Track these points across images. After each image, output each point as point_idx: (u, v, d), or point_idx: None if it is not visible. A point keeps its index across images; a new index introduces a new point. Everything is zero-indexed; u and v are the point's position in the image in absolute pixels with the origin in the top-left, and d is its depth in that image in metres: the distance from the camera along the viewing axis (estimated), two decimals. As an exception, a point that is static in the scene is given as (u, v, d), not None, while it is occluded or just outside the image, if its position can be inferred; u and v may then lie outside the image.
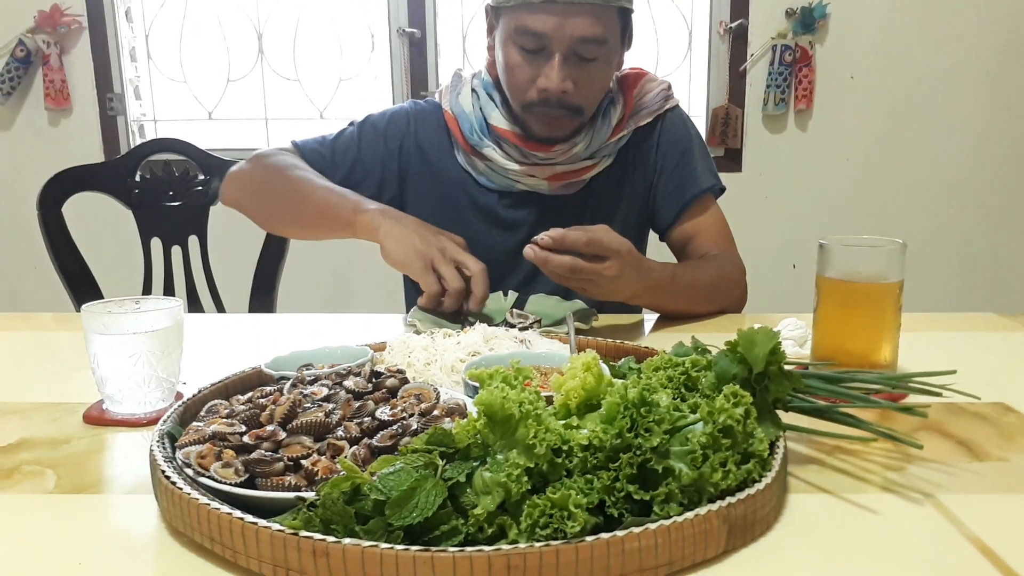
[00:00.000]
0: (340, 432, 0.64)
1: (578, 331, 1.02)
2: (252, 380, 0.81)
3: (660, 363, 0.68)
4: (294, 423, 0.64)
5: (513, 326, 1.06)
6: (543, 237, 1.00)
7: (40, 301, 2.80)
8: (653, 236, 1.44)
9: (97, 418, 0.81)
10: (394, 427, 0.64)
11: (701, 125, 2.82)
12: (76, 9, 2.71)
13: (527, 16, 1.16)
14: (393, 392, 0.73)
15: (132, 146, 1.78)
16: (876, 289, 0.85)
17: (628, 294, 1.09)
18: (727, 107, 2.76)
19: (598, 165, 1.31)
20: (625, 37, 1.26)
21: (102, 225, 1.99)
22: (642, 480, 0.54)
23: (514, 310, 1.15)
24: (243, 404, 0.69)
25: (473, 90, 1.34)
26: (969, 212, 2.88)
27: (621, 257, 1.03)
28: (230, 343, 1.16)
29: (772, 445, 0.63)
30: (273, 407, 0.67)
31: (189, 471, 0.59)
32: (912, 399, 0.78)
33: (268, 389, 0.73)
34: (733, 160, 2.81)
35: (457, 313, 1.08)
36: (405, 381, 0.75)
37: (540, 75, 1.19)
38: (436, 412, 0.66)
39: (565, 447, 0.55)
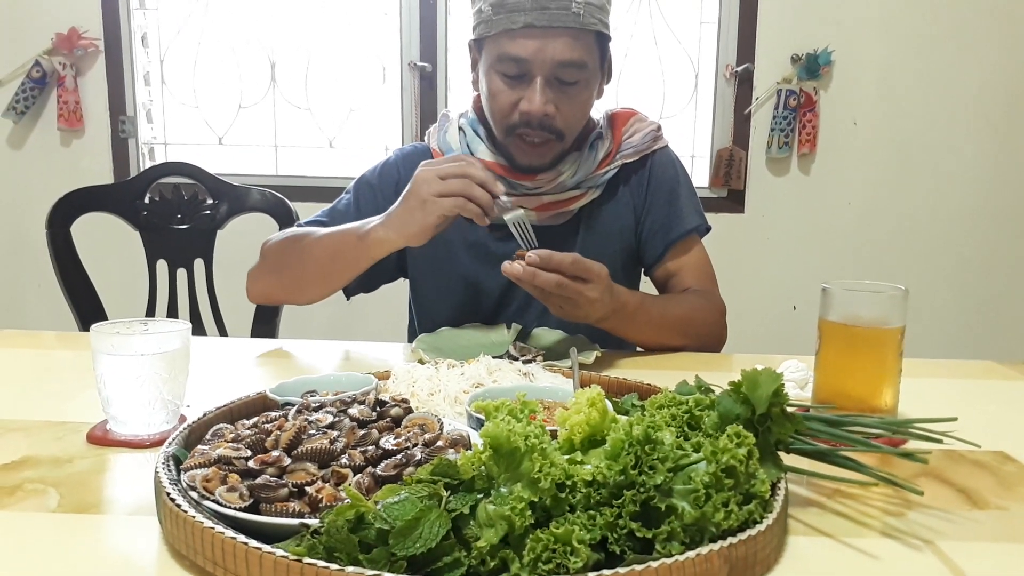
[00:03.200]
0: (344, 460, 0.64)
1: (580, 365, 1.02)
2: (257, 405, 0.82)
3: (664, 401, 0.69)
4: (299, 449, 0.64)
5: (516, 359, 1.07)
6: (530, 255, 1.06)
7: (43, 319, 2.80)
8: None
9: (101, 438, 0.81)
10: (398, 456, 0.64)
11: (705, 166, 2.86)
12: (93, 32, 2.76)
13: (508, 43, 1.20)
14: (397, 421, 0.73)
15: (142, 169, 1.80)
16: (878, 334, 0.86)
17: (598, 316, 1.13)
18: (731, 149, 2.79)
19: (585, 196, 1.34)
20: (604, 65, 1.30)
21: (109, 246, 2.00)
22: (645, 517, 0.54)
23: (517, 343, 1.17)
24: (248, 429, 0.69)
25: (460, 128, 1.38)
26: (970, 259, 2.90)
27: (601, 280, 1.10)
28: (233, 367, 1.16)
29: (773, 486, 0.63)
30: (278, 433, 0.67)
31: (194, 494, 0.59)
32: (912, 445, 0.79)
33: (273, 415, 0.74)
34: (736, 201, 2.84)
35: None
36: (409, 411, 0.75)
37: (523, 99, 1.22)
38: (440, 443, 0.66)
39: (569, 482, 0.55)
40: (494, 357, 1.06)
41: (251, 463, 0.62)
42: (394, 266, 1.42)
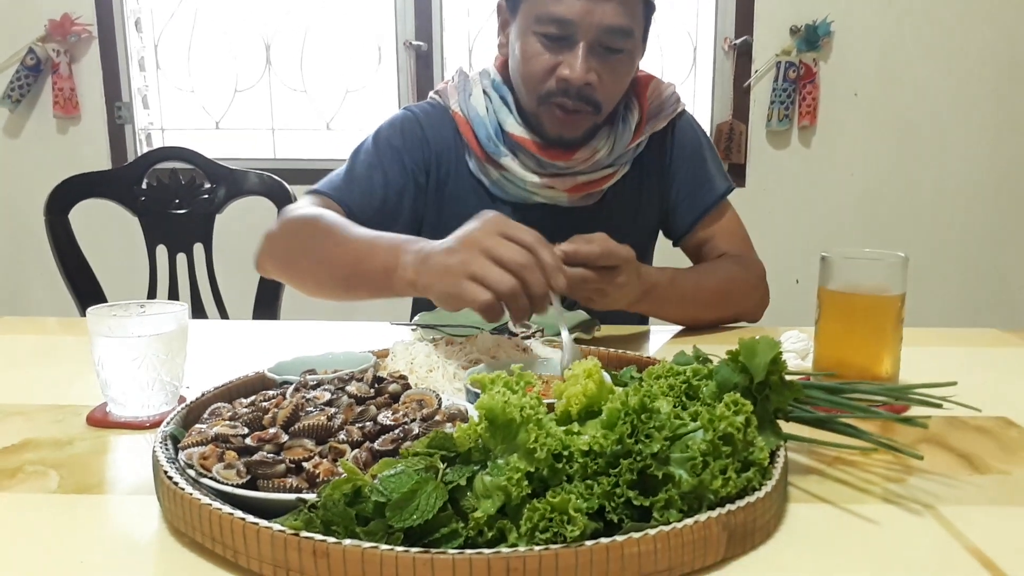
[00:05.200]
0: (342, 436, 0.64)
1: (580, 341, 1.02)
2: (255, 384, 0.82)
3: (661, 372, 0.69)
4: (296, 426, 0.64)
5: (515, 335, 1.07)
6: (556, 250, 0.98)
7: (45, 306, 2.81)
8: (661, 241, 1.44)
9: (100, 420, 0.81)
10: (396, 431, 0.64)
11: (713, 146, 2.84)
12: (87, 18, 2.74)
13: (552, 2, 1.12)
14: (395, 398, 0.73)
15: (139, 154, 1.80)
16: (878, 302, 0.86)
17: (628, 301, 1.07)
18: (731, 123, 2.78)
19: (617, 173, 1.28)
20: (645, 37, 1.24)
21: (108, 232, 2.00)
22: (642, 486, 0.54)
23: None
24: (246, 407, 0.69)
25: (484, 92, 1.28)
26: (972, 228, 2.89)
27: (630, 264, 1.02)
28: (234, 349, 1.17)
29: (772, 454, 0.63)
30: (276, 410, 0.67)
31: (191, 472, 0.59)
32: (913, 411, 0.79)
33: (271, 393, 0.73)
34: (737, 175, 2.82)
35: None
36: (407, 387, 0.75)
37: (561, 64, 1.15)
38: (438, 417, 0.66)
39: (566, 452, 0.55)
40: (493, 332, 1.06)
41: (248, 440, 0.62)
42: None
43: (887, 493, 0.65)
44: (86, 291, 1.69)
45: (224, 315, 1.80)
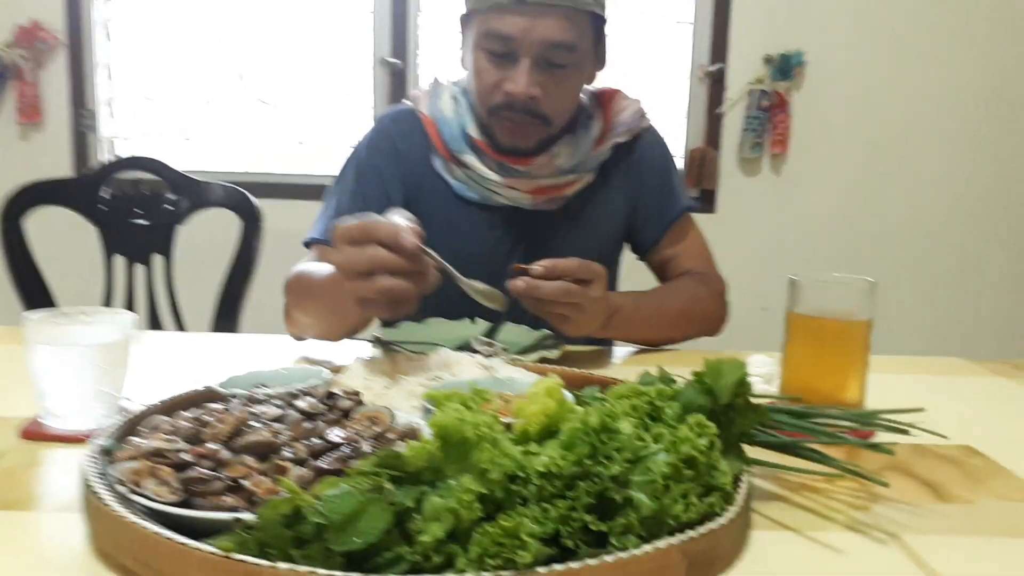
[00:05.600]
0: (287, 452, 0.61)
1: (545, 361, 0.99)
2: (203, 399, 0.78)
3: (625, 391, 0.66)
4: (239, 442, 0.61)
5: (478, 355, 1.04)
6: (535, 267, 0.99)
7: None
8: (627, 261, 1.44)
9: (35, 433, 0.77)
10: (344, 449, 0.61)
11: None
12: (56, 25, 2.68)
13: (495, 19, 1.14)
14: (346, 414, 0.70)
15: (103, 164, 1.75)
16: (846, 327, 0.85)
17: (596, 325, 1.09)
18: (703, 149, 2.79)
19: (580, 180, 1.29)
20: (598, 49, 1.25)
21: (65, 241, 1.94)
22: (600, 510, 0.51)
23: (480, 337, 1.13)
24: (187, 421, 0.66)
25: (453, 97, 1.31)
26: (940, 257, 2.92)
27: (602, 279, 1.04)
28: (187, 362, 1.12)
29: (736, 479, 0.61)
30: (218, 425, 0.64)
31: (122, 488, 0.55)
32: (879, 438, 0.77)
33: (216, 407, 0.70)
34: (707, 201, 2.83)
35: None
36: (360, 404, 0.72)
37: (507, 79, 1.17)
38: (389, 435, 0.63)
39: (522, 473, 0.52)
40: (455, 349, 1.04)
41: (186, 455, 0.59)
42: None
43: (852, 521, 0.63)
44: (38, 301, 1.64)
45: (182, 328, 1.75)
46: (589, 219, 1.32)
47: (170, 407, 0.74)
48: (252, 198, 1.72)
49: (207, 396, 0.78)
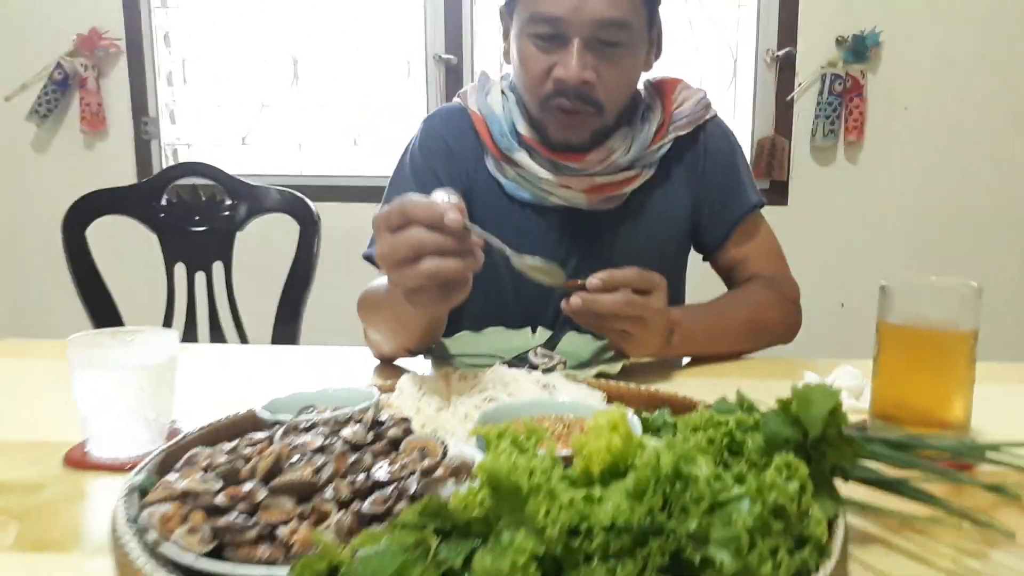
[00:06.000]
0: (328, 493, 0.56)
1: (606, 376, 0.93)
2: (246, 424, 0.74)
3: (699, 422, 0.59)
4: (277, 481, 0.56)
5: (536, 367, 0.98)
6: (592, 280, 0.93)
7: (65, 326, 2.78)
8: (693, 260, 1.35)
9: (78, 460, 0.74)
10: (390, 488, 0.56)
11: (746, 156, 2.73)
12: (115, 32, 2.73)
13: (541, 1, 1.08)
14: (395, 444, 0.65)
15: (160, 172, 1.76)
16: (947, 338, 0.75)
17: (657, 342, 1.02)
18: (773, 138, 2.66)
19: (639, 177, 1.21)
20: (652, 30, 1.18)
21: (126, 249, 1.96)
22: (675, 569, 0.45)
23: (539, 348, 1.07)
24: (226, 454, 0.61)
25: (503, 92, 1.25)
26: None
27: (662, 289, 0.97)
28: (242, 377, 1.10)
29: (830, 524, 0.53)
30: (257, 459, 0.59)
31: (151, 536, 0.51)
32: (988, 468, 0.68)
33: (258, 436, 0.66)
34: (779, 193, 2.70)
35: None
36: (409, 432, 0.67)
37: (556, 64, 1.10)
38: (439, 472, 0.58)
39: (584, 526, 0.46)
40: (511, 362, 0.98)
41: (220, 497, 0.54)
42: None
43: (965, 571, 0.54)
44: (101, 310, 1.65)
45: (243, 335, 1.74)
46: (650, 218, 1.24)
47: (210, 435, 0.70)
48: (309, 202, 1.70)
49: (250, 421, 0.74)
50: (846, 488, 0.58)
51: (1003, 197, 2.70)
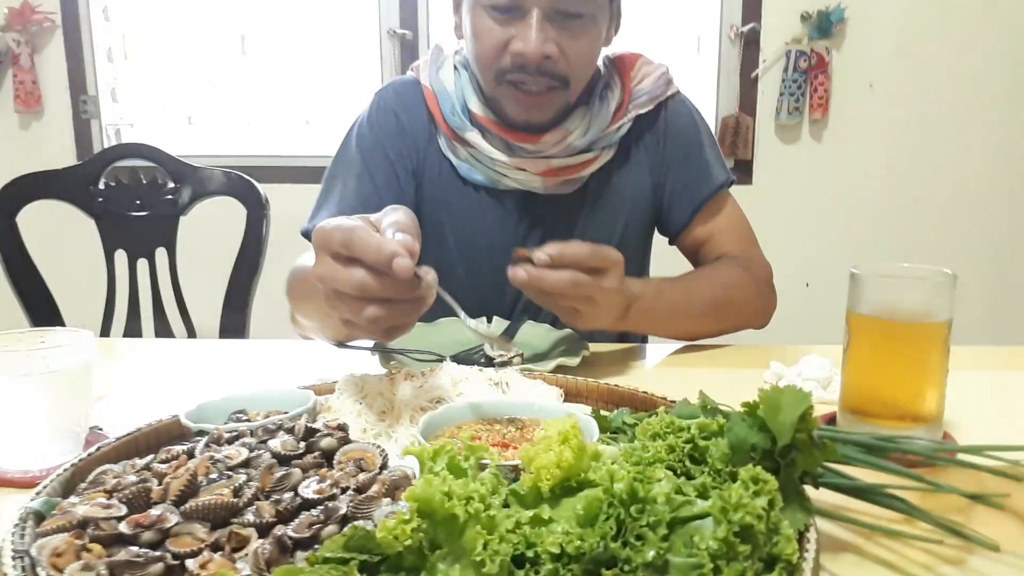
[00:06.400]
0: (249, 515, 0.50)
1: (564, 369, 0.88)
2: (168, 433, 0.67)
3: (660, 428, 0.55)
4: (191, 504, 0.50)
5: (491, 361, 0.93)
6: (539, 254, 0.85)
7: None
8: (657, 241, 1.30)
9: (-17, 475, 0.67)
10: (317, 510, 0.50)
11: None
12: (49, 7, 2.59)
13: None
14: (329, 456, 0.59)
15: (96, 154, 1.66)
16: (920, 329, 0.72)
17: (613, 316, 0.95)
18: (737, 116, 2.63)
19: (598, 159, 1.15)
20: (613, 3, 1.12)
21: (62, 237, 1.86)
22: (631, 603, 0.40)
23: (499, 339, 1.02)
24: (137, 472, 0.55)
25: (455, 67, 1.17)
26: (1001, 230, 2.72)
27: (619, 267, 0.90)
28: (179, 374, 1.03)
29: (800, 537, 0.49)
30: (171, 478, 0.53)
31: (42, 573, 0.45)
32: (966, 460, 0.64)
33: (176, 449, 0.59)
34: (743, 171, 2.67)
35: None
36: (346, 440, 0.61)
37: (514, 37, 1.03)
38: (374, 489, 0.52)
39: (530, 553, 0.41)
40: (465, 356, 0.93)
41: (123, 525, 0.48)
42: None
43: (945, 583, 0.51)
44: (36, 303, 1.56)
45: (189, 325, 1.66)
46: (610, 201, 1.19)
47: (126, 447, 0.64)
48: (257, 184, 1.62)
49: (174, 430, 0.68)
50: (816, 493, 0.54)
51: (970, 176, 2.70)
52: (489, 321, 1.09)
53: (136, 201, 1.63)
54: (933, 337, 0.71)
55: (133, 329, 1.64)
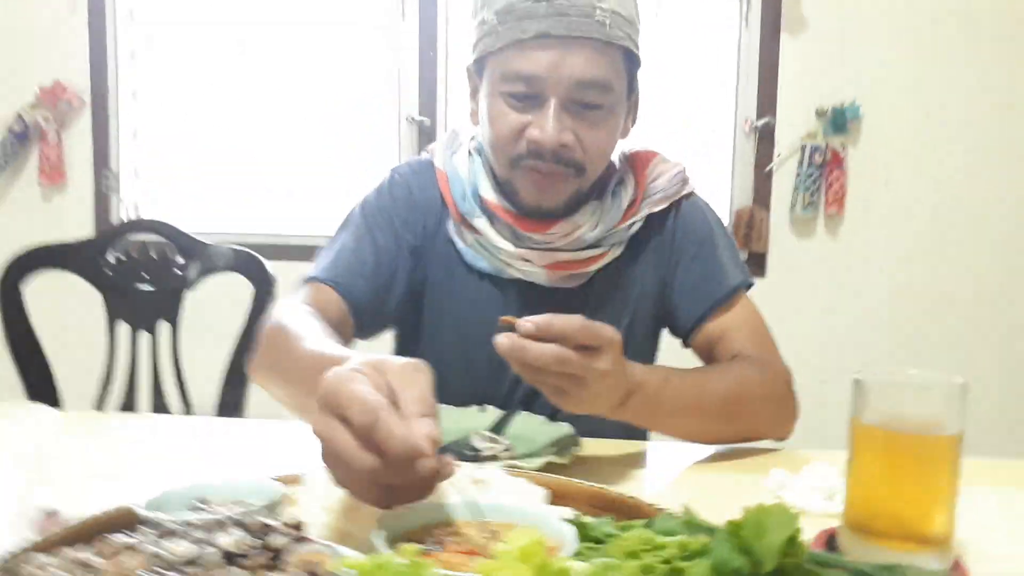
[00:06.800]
0: (180, 625, 0.46)
1: (552, 468, 0.83)
2: (119, 522, 0.63)
3: (636, 545, 0.50)
4: (117, 609, 0.46)
5: (477, 453, 0.89)
6: (525, 323, 0.79)
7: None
8: (668, 345, 1.25)
9: (-79, 561, 0.63)
10: (253, 623, 0.46)
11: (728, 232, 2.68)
12: (80, 85, 2.68)
13: (516, 58, 1.00)
14: (277, 556, 0.55)
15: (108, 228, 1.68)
16: (929, 443, 0.67)
17: (608, 402, 0.87)
18: (752, 208, 2.62)
19: (606, 255, 1.13)
20: (631, 95, 1.11)
21: (66, 308, 1.87)
22: None
23: (485, 432, 0.98)
24: (69, 566, 0.51)
25: (470, 153, 1.17)
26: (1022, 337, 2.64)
27: (614, 348, 0.83)
28: (167, 452, 0.99)
29: None
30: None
31: None
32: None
33: (117, 542, 0.55)
34: (757, 265, 2.64)
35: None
36: (300, 540, 0.57)
37: (531, 124, 1.02)
38: (315, 603, 0.48)
39: None
40: (450, 447, 0.88)
41: (39, 633, 0.44)
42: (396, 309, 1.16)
43: None
44: (34, 373, 1.54)
45: (185, 399, 1.64)
46: (615, 300, 1.15)
47: (71, 537, 0.60)
48: (264, 261, 1.62)
49: (125, 520, 0.64)
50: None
51: (988, 278, 2.64)
52: (482, 410, 1.05)
53: (144, 275, 1.64)
54: (943, 451, 0.66)
55: (129, 404, 1.61)
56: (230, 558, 0.53)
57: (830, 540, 0.72)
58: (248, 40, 2.74)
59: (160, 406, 1.63)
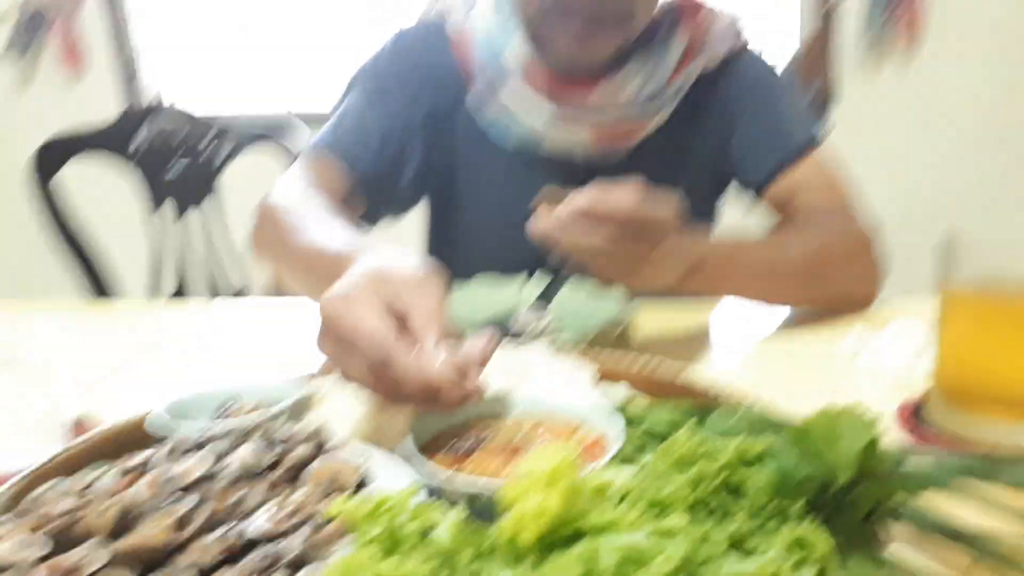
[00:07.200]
0: (189, 556, 0.42)
1: (604, 341, 0.77)
2: (134, 436, 0.60)
3: (685, 451, 0.44)
4: (121, 543, 0.43)
5: (520, 330, 0.83)
6: (565, 209, 0.70)
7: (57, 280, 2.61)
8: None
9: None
10: (266, 548, 0.42)
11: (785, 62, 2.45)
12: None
13: None
14: (299, 470, 0.51)
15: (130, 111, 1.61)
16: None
17: (670, 279, 0.78)
18: (814, 42, 2.38)
19: (656, 117, 1.01)
20: None
21: (103, 194, 1.85)
22: None
23: (535, 305, 0.91)
24: (75, 495, 0.48)
25: (492, 5, 1.03)
26: None
27: (673, 226, 0.74)
28: (227, 338, 0.98)
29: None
30: (111, 504, 0.46)
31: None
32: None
33: (133, 462, 0.52)
34: (821, 104, 2.44)
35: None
36: (321, 451, 0.53)
37: None
38: (330, 527, 0.43)
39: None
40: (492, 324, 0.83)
41: (40, 571, 0.41)
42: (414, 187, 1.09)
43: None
44: (86, 262, 1.54)
45: (242, 279, 1.63)
46: (668, 169, 1.04)
47: (88, 453, 0.57)
48: (300, 121, 1.55)
49: (134, 434, 0.60)
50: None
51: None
52: (524, 282, 0.99)
53: (178, 152, 1.60)
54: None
55: (181, 288, 1.62)
56: (249, 476, 0.50)
57: (916, 411, 0.64)
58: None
59: (213, 288, 1.63)
